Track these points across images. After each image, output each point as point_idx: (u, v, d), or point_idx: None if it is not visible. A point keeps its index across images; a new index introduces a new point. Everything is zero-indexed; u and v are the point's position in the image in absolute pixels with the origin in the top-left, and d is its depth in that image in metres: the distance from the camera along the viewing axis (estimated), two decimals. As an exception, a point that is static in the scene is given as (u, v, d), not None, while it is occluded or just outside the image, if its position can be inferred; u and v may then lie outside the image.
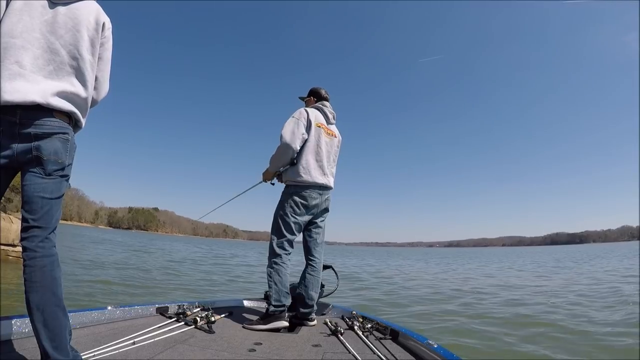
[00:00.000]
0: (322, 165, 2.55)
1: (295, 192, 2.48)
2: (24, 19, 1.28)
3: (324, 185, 2.56)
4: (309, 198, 2.48)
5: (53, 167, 1.32)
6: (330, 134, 2.69)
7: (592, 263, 21.34)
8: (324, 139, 2.60)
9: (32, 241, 1.29)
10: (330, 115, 2.71)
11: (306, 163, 2.48)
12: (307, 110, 2.58)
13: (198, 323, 2.13)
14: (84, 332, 1.86)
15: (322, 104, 2.73)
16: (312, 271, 2.54)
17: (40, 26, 1.31)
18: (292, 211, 2.46)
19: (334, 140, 2.71)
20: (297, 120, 2.50)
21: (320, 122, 2.60)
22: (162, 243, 40.43)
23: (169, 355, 1.64)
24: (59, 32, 1.34)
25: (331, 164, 2.67)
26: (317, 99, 2.80)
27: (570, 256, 34.08)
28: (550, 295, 8.31)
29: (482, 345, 4.26)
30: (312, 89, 2.86)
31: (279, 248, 2.41)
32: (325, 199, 2.59)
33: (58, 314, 1.27)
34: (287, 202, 2.47)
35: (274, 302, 2.31)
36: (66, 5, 1.37)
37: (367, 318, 2.43)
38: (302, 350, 1.84)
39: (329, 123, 2.71)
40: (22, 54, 1.26)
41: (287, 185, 2.56)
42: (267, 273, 2.39)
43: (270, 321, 2.28)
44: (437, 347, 1.71)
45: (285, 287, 2.35)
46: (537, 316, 5.80)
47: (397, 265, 21.95)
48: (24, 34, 1.27)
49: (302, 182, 2.47)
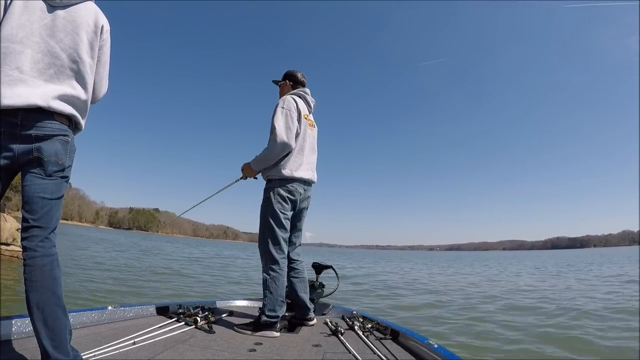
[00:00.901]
0: (307, 159, 2.39)
1: (281, 186, 2.29)
2: (24, 23, 1.29)
3: (310, 180, 2.42)
4: (295, 192, 2.32)
5: (53, 168, 1.34)
6: (312, 124, 2.51)
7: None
8: (308, 131, 2.43)
9: (32, 241, 1.30)
10: (312, 104, 2.54)
11: (292, 158, 2.31)
12: (295, 99, 2.38)
13: (198, 323, 2.13)
14: (84, 332, 1.85)
15: (303, 90, 2.52)
16: (296, 274, 2.42)
17: (40, 30, 1.32)
18: (280, 207, 2.29)
19: (314, 131, 2.54)
20: (289, 112, 2.29)
21: (305, 113, 2.43)
22: (163, 244, 40.43)
23: (169, 355, 1.64)
24: (58, 36, 1.35)
25: (314, 157, 2.50)
26: (294, 83, 2.57)
27: (565, 261, 34.00)
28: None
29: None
30: (287, 72, 2.61)
31: (276, 252, 2.25)
32: (308, 196, 2.45)
33: (58, 313, 1.28)
34: (274, 197, 2.29)
35: (267, 311, 2.15)
36: (65, 9, 1.38)
37: (368, 318, 2.42)
38: (302, 350, 1.84)
39: (310, 112, 2.52)
40: (23, 60, 1.27)
41: (271, 180, 2.35)
42: (263, 280, 2.23)
43: (261, 330, 2.13)
44: (437, 347, 1.72)
45: (280, 296, 2.20)
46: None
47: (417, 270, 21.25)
48: (24, 39, 1.28)
49: (288, 177, 2.29)
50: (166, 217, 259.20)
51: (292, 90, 2.53)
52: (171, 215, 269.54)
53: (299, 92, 2.49)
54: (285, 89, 2.56)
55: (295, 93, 2.48)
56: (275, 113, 2.29)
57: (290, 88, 2.55)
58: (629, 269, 18.69)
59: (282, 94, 2.54)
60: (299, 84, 2.57)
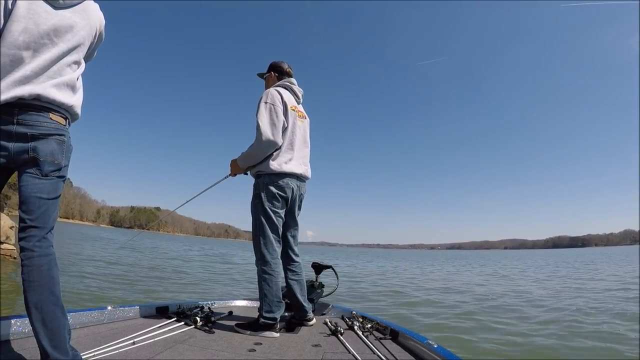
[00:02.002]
0: (298, 153, 2.29)
1: (271, 182, 2.19)
2: (30, 27, 1.29)
3: (302, 175, 2.31)
4: (287, 188, 2.21)
5: (49, 168, 1.34)
6: (302, 116, 2.40)
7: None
8: (298, 124, 2.32)
9: (30, 241, 1.30)
10: (300, 94, 2.42)
11: (282, 153, 2.21)
12: (279, 91, 2.27)
13: (198, 323, 2.13)
14: (83, 332, 1.86)
15: (288, 81, 2.41)
16: (293, 276, 2.35)
17: (46, 31, 1.32)
18: (271, 205, 2.18)
19: (306, 123, 2.43)
20: (272, 107, 2.18)
21: (293, 104, 2.32)
22: (162, 243, 40.47)
23: (169, 355, 1.64)
24: (65, 36, 1.36)
25: (306, 150, 2.40)
26: (280, 74, 2.45)
27: (563, 260, 34.09)
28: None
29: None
30: (272, 63, 2.48)
31: (268, 253, 2.18)
32: (301, 192, 2.35)
33: (56, 312, 1.28)
34: (264, 194, 2.19)
35: (264, 313, 2.12)
36: (68, 9, 1.39)
37: (367, 318, 2.42)
38: (302, 351, 1.84)
39: (299, 103, 2.42)
40: (30, 64, 1.28)
41: (260, 176, 2.24)
42: (258, 281, 2.20)
43: (260, 331, 2.10)
44: (437, 347, 1.71)
45: (276, 297, 2.15)
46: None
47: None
48: (30, 43, 1.28)
49: (278, 172, 2.19)
50: (167, 216, 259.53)
51: (277, 81, 2.42)
52: (172, 215, 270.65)
53: (284, 83, 2.38)
54: (271, 80, 2.45)
55: (280, 85, 2.37)
56: (259, 109, 2.19)
57: (276, 80, 2.44)
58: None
59: (267, 87, 2.43)
60: (284, 75, 2.45)
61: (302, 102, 2.51)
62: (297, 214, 2.41)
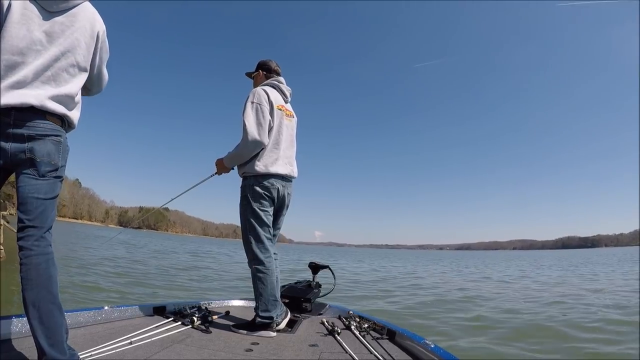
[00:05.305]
0: (284, 153, 2.28)
1: (257, 183, 2.20)
2: (24, 34, 1.31)
3: (288, 175, 2.31)
4: (272, 189, 2.22)
5: (46, 169, 1.36)
6: (290, 115, 2.39)
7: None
8: (285, 122, 2.31)
9: (28, 240, 1.33)
10: (288, 93, 2.40)
11: (267, 153, 2.21)
12: (266, 90, 2.26)
13: (195, 323, 2.14)
14: (80, 332, 1.86)
15: (276, 79, 2.39)
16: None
17: (39, 37, 1.34)
18: (259, 205, 2.20)
19: (293, 122, 2.42)
20: (259, 106, 2.18)
21: (280, 104, 2.31)
22: (163, 242, 40.71)
23: (166, 355, 1.65)
24: (57, 41, 1.38)
25: (292, 150, 2.39)
26: (267, 72, 2.44)
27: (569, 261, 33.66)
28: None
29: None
30: (260, 61, 2.47)
31: (260, 252, 2.19)
32: (288, 192, 2.34)
33: (54, 311, 1.31)
34: (251, 195, 2.20)
35: (261, 312, 2.13)
36: (63, 14, 1.41)
37: (364, 318, 2.41)
38: (299, 350, 1.85)
39: (287, 102, 2.40)
40: (24, 70, 1.30)
41: (246, 177, 2.26)
42: (252, 281, 2.20)
43: (257, 331, 2.11)
44: (434, 347, 1.71)
45: (272, 296, 2.15)
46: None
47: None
48: (24, 49, 1.30)
49: (264, 173, 2.20)
50: (175, 216, 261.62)
51: (265, 80, 2.42)
52: (180, 215, 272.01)
53: (271, 82, 2.37)
54: (259, 79, 2.44)
55: (267, 83, 2.37)
56: (245, 108, 2.20)
57: (264, 78, 2.43)
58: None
59: (256, 85, 2.43)
60: (273, 73, 2.44)
61: (291, 101, 2.50)
62: (284, 214, 2.43)
